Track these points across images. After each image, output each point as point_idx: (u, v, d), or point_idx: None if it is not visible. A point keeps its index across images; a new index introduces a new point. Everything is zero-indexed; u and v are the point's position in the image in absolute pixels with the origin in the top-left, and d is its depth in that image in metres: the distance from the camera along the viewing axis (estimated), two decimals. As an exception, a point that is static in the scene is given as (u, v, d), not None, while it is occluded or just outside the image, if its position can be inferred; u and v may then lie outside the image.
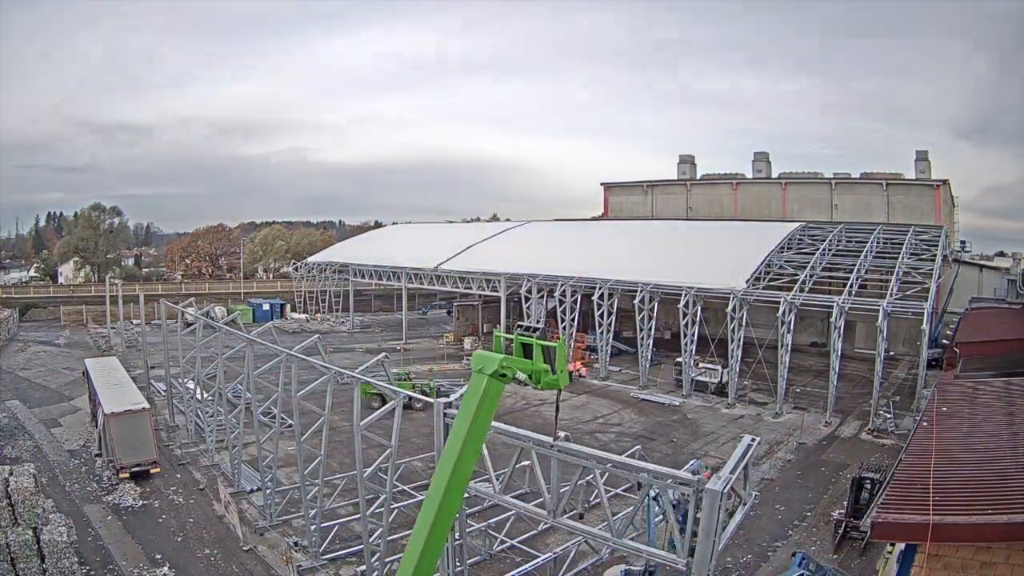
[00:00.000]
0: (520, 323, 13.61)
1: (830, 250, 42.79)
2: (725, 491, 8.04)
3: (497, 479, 10.93)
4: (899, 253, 39.79)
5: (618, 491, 19.19)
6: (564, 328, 43.94)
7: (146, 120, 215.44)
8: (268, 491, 20.16)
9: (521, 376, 8.81)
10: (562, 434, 10.08)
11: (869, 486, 19.18)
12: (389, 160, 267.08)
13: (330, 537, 18.26)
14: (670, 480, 8.88)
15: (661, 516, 18.02)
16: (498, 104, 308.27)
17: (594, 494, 20.56)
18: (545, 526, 18.46)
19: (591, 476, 9.98)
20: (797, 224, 48.80)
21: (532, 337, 9.15)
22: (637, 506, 10.28)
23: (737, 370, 36.09)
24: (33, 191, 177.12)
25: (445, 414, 11.18)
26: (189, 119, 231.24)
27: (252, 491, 22.16)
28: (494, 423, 11.26)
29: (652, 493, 9.66)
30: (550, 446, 9.83)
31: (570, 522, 10.18)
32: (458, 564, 12.56)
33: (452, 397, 11.69)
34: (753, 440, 9.09)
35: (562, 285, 43.56)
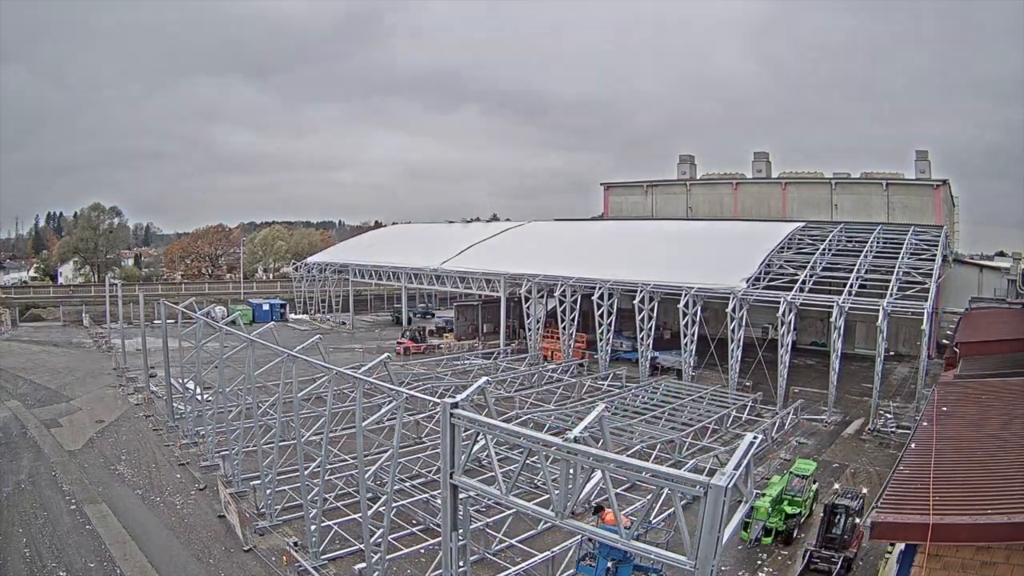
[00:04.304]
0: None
1: (830, 250, 42.82)
2: (730, 487, 8.06)
3: (504, 479, 10.90)
4: (899, 253, 39.83)
5: (618, 491, 19.19)
6: (564, 328, 44.00)
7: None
8: (268, 491, 20.16)
9: None
10: (571, 435, 10.08)
11: (841, 518, 16.97)
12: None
13: (329, 536, 18.26)
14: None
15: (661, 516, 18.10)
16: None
17: (595, 492, 20.64)
18: (545, 526, 18.47)
19: (596, 474, 9.98)
20: (797, 224, 48.83)
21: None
22: (646, 505, 10.26)
23: (737, 370, 36.13)
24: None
25: (452, 414, 11.16)
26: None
27: (252, 491, 22.12)
28: (502, 424, 11.27)
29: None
30: (558, 447, 9.82)
31: (578, 523, 10.17)
32: (460, 564, 12.57)
33: (459, 398, 11.67)
34: (755, 438, 9.09)
35: (562, 285, 43.59)
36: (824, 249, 42.02)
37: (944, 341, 39.50)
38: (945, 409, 15.84)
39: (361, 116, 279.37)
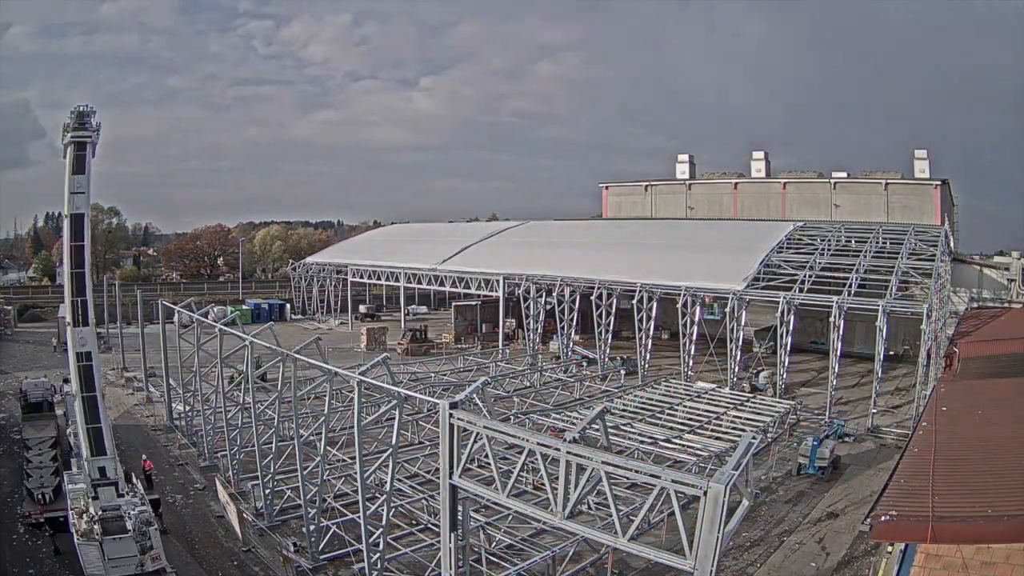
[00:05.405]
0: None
1: (829, 250, 42.77)
2: (729, 487, 8.03)
3: (502, 480, 10.85)
4: (899, 253, 39.76)
5: (618, 491, 19.13)
6: (563, 328, 43.94)
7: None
8: (267, 491, 20.11)
9: None
10: (569, 435, 10.04)
11: None
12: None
13: (328, 536, 18.21)
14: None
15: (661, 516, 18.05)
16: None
17: (594, 491, 20.57)
18: (545, 525, 18.42)
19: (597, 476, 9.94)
20: (796, 224, 48.81)
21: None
22: (646, 506, 10.18)
23: (736, 369, 36.13)
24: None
25: (451, 414, 11.12)
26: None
27: (251, 491, 22.06)
28: (500, 425, 11.22)
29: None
30: (557, 448, 9.78)
31: (576, 525, 10.13)
32: (460, 564, 12.54)
33: (458, 397, 11.64)
34: (754, 438, 9.06)
35: (560, 285, 43.57)
36: (823, 249, 41.99)
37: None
38: (945, 409, 15.82)
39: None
